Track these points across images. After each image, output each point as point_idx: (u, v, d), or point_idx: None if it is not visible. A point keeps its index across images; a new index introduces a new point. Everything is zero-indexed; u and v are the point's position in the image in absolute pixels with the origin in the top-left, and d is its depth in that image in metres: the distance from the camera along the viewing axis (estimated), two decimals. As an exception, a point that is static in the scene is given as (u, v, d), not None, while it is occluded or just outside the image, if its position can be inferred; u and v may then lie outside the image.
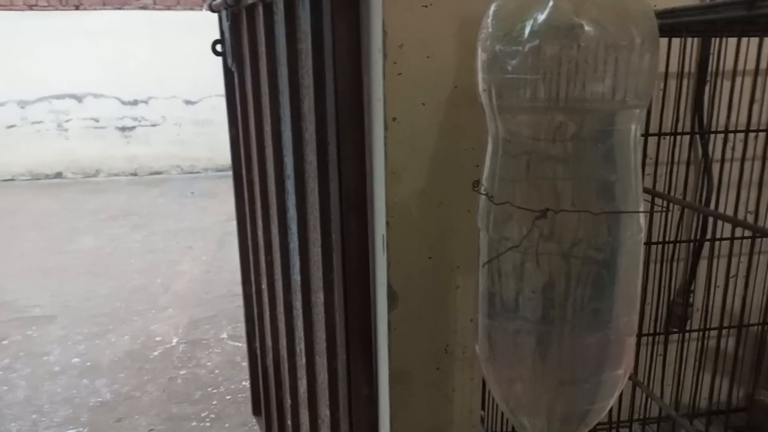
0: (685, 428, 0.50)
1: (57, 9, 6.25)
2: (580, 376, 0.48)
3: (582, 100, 0.43)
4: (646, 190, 0.50)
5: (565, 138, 0.45)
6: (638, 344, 0.86)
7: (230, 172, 2.13)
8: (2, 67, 6.18)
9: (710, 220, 0.87)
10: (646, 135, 0.76)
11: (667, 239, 0.84)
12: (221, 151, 6.18)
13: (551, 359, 0.48)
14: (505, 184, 0.47)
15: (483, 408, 0.87)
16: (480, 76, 0.49)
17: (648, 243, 0.79)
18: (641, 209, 0.46)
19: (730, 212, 0.85)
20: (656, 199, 0.62)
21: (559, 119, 0.44)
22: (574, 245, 0.45)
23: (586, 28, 0.42)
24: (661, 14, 0.45)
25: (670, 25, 0.46)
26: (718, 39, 0.80)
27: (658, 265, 0.90)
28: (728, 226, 0.55)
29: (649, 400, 0.81)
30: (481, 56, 0.48)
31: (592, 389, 0.48)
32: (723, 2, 0.39)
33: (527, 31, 0.43)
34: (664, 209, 0.70)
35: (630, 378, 0.52)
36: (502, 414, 0.85)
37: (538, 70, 0.43)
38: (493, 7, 0.47)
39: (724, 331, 0.80)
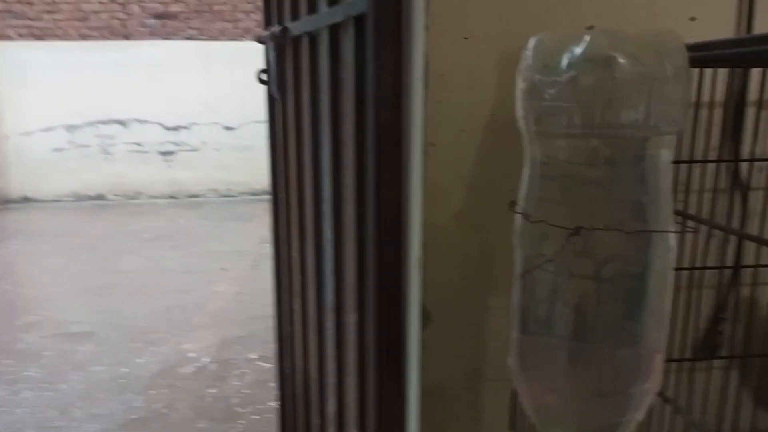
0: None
1: (107, 39, 6.57)
2: (611, 389, 0.50)
3: (616, 127, 0.46)
4: (676, 212, 0.53)
5: (599, 161, 0.48)
6: (668, 370, 0.86)
7: (265, 197, 2.19)
8: (53, 94, 6.49)
9: (743, 250, 0.87)
10: (677, 162, 0.78)
11: (696, 266, 0.85)
12: (258, 176, 6.32)
13: (583, 372, 0.50)
14: (542, 205, 0.50)
15: (512, 428, 0.88)
16: (520, 103, 0.52)
17: (678, 269, 0.80)
18: (671, 229, 0.48)
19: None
20: (687, 222, 0.63)
21: (594, 144, 0.47)
22: (606, 263, 0.48)
23: (621, 60, 0.45)
24: (693, 47, 0.48)
25: (703, 57, 0.49)
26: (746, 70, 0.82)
27: (688, 292, 0.91)
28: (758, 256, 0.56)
29: (676, 425, 0.82)
30: (521, 85, 0.51)
31: (622, 402, 0.50)
32: (754, 36, 0.41)
33: (565, 62, 0.46)
34: (694, 230, 0.72)
35: (659, 394, 0.54)
36: (532, 436, 0.86)
37: (574, 99, 0.46)
38: (533, 41, 0.51)
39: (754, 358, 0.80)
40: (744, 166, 0.85)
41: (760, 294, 0.84)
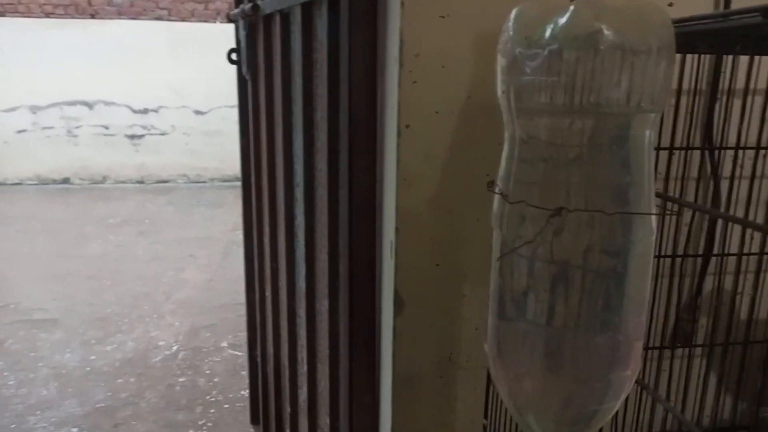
0: (691, 430, 0.50)
1: (73, 17, 6.35)
2: (589, 375, 0.48)
3: (599, 104, 0.45)
4: (658, 195, 0.51)
5: (581, 140, 0.46)
6: (644, 358, 0.86)
7: (237, 183, 2.14)
8: (16, 73, 6.26)
9: (717, 235, 0.87)
10: (657, 149, 0.77)
11: (675, 254, 0.84)
12: (229, 162, 6.23)
13: (560, 358, 0.48)
14: (521, 185, 0.48)
15: (486, 417, 0.87)
16: (499, 78, 0.50)
17: (656, 257, 0.80)
18: (654, 212, 0.47)
19: (737, 233, 0.86)
20: (668, 205, 0.62)
21: (575, 122, 0.45)
22: (586, 246, 0.46)
23: (605, 33, 0.43)
24: (677, 22, 0.46)
25: (687, 34, 0.47)
26: (730, 57, 0.82)
27: (665, 280, 0.91)
28: (735, 244, 0.55)
29: (654, 413, 0.81)
30: (500, 60, 0.49)
31: (600, 389, 0.48)
32: (738, 10, 0.40)
33: (547, 34, 0.44)
34: (675, 213, 0.71)
35: (637, 381, 0.53)
36: (505, 423, 0.85)
37: (556, 73, 0.44)
38: (514, 12, 0.49)
39: (729, 347, 0.80)
40: (724, 154, 0.85)
41: (738, 282, 0.84)
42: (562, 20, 0.44)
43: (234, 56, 1.81)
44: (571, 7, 0.44)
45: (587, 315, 0.48)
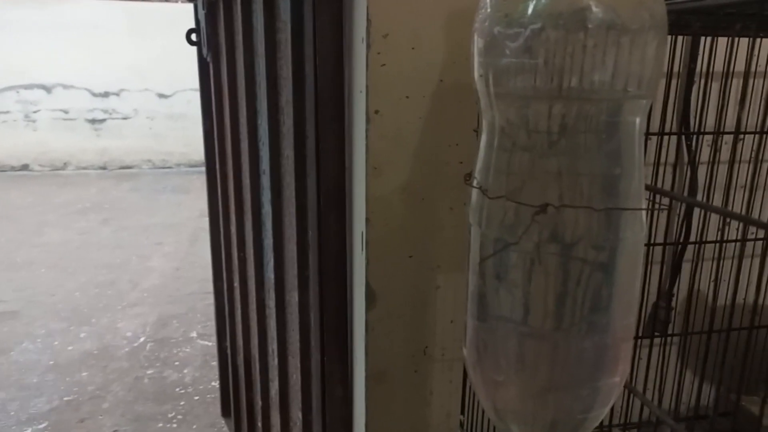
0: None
1: (28, -4, 6.08)
2: (575, 383, 0.45)
3: (586, 88, 0.41)
4: (647, 187, 0.48)
5: (566, 128, 0.42)
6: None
7: (204, 168, 2.07)
8: (-33, 55, 5.99)
9: (694, 222, 0.85)
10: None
11: (653, 242, 0.82)
12: (195, 146, 6.07)
13: (545, 364, 0.45)
14: (501, 178, 0.44)
15: (462, 412, 0.85)
16: (476, 60, 0.46)
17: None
18: (644, 206, 0.44)
19: (715, 221, 0.84)
20: (657, 198, 0.59)
21: (560, 108, 0.42)
22: (573, 243, 0.43)
23: (595, 9, 0.39)
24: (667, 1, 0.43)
25: (677, 12, 0.44)
26: (707, 40, 0.79)
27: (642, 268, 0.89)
28: (712, 231, 0.53)
29: (630, 403, 0.80)
30: (477, 40, 0.45)
31: (587, 397, 0.45)
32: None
33: (529, 11, 0.40)
34: (666, 207, 0.68)
35: (625, 386, 0.50)
36: (482, 418, 0.83)
37: (540, 54, 0.40)
38: (492, -13, 0.44)
39: (712, 335, 0.78)
40: (702, 139, 0.82)
41: (717, 269, 0.82)
42: (546, -5, 0.40)
43: (194, 37, 1.73)
44: (555, -19, 0.40)
45: (574, 318, 0.45)
